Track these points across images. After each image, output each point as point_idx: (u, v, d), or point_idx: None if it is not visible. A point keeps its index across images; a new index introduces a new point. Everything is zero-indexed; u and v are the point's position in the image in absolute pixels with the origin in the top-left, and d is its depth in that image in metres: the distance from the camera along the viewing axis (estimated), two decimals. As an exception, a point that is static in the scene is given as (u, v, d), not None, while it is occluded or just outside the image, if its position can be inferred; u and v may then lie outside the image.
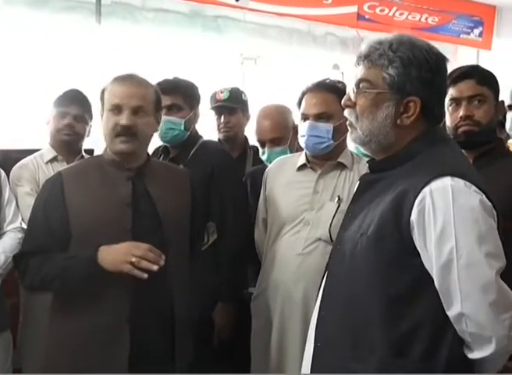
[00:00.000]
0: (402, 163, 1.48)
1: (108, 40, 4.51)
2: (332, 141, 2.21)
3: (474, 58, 6.50)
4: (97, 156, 2.10)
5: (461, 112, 2.03)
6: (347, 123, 1.56)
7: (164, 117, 2.51)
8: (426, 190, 1.37)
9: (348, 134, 1.58)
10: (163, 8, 4.84)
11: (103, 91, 1.96)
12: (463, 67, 2.09)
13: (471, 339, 1.38)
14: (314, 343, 1.56)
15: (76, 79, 3.93)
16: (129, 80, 1.94)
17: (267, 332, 2.25)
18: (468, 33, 6.32)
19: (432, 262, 1.37)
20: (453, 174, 1.38)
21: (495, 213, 1.41)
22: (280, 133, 2.65)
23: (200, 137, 2.73)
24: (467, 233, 1.35)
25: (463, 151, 2.04)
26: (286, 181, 2.33)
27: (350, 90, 1.53)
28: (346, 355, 1.46)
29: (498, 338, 1.35)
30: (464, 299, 1.35)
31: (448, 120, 2.08)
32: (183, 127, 2.60)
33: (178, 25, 4.92)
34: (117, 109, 1.89)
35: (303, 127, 2.26)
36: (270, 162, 2.58)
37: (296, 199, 2.25)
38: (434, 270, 1.37)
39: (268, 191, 2.40)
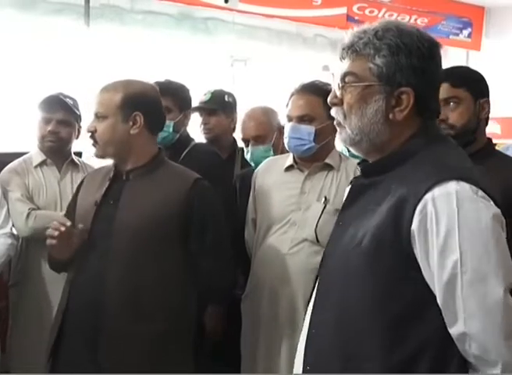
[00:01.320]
0: (397, 165, 1.32)
1: (97, 42, 4.51)
2: (313, 144, 2.21)
3: (464, 59, 6.53)
4: None
5: None
6: (335, 122, 1.39)
7: None
8: (428, 196, 1.21)
9: (337, 135, 1.41)
10: (152, 10, 4.84)
11: None
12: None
13: (474, 361, 1.22)
14: (304, 365, 1.39)
15: (65, 81, 3.92)
16: (102, 88, 2.02)
17: (255, 331, 2.25)
18: (457, 35, 6.35)
19: (434, 276, 1.22)
20: (457, 178, 1.22)
21: (503, 220, 1.25)
22: (263, 132, 2.67)
23: (192, 139, 2.73)
24: (474, 245, 1.19)
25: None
26: (274, 182, 2.34)
27: (336, 86, 1.37)
28: None
29: (504, 364, 1.19)
30: (468, 318, 1.19)
31: None
32: (171, 129, 2.59)
33: (167, 27, 4.92)
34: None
35: (286, 129, 2.28)
36: (254, 161, 2.62)
37: (283, 200, 2.26)
38: (436, 285, 1.22)
39: (257, 192, 2.41)
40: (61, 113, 2.64)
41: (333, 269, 1.38)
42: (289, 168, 2.32)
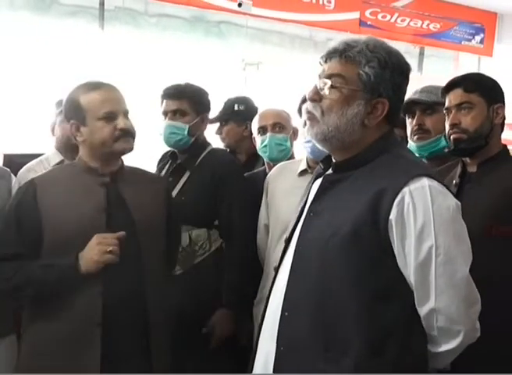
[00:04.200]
0: (365, 163, 1.47)
1: (111, 45, 4.53)
2: None
3: (476, 64, 6.52)
4: (71, 164, 2.11)
5: (449, 121, 2.05)
6: (307, 117, 1.51)
7: (167, 122, 2.56)
8: (405, 190, 1.37)
9: (307, 129, 1.52)
10: (165, 13, 4.87)
11: (76, 102, 1.95)
12: (454, 77, 2.10)
13: (437, 333, 1.41)
14: (277, 347, 1.49)
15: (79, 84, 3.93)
16: (107, 85, 1.99)
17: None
18: (470, 40, 6.34)
19: (408, 260, 1.39)
20: (427, 175, 1.41)
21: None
22: (283, 121, 2.65)
23: (209, 144, 2.70)
24: (446, 232, 1.38)
25: (467, 158, 2.06)
26: (287, 187, 2.33)
27: (318, 84, 1.48)
28: (315, 357, 1.43)
29: (466, 332, 1.41)
30: (439, 295, 1.38)
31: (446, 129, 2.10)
32: (186, 132, 2.57)
33: (180, 30, 4.94)
34: (111, 115, 1.92)
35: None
36: (270, 150, 2.60)
37: (297, 205, 2.24)
38: (412, 268, 1.39)
39: (270, 197, 2.41)
40: None
41: (306, 257, 1.49)
42: (303, 173, 2.32)
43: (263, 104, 3.27)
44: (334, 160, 1.56)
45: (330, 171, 1.56)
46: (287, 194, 2.30)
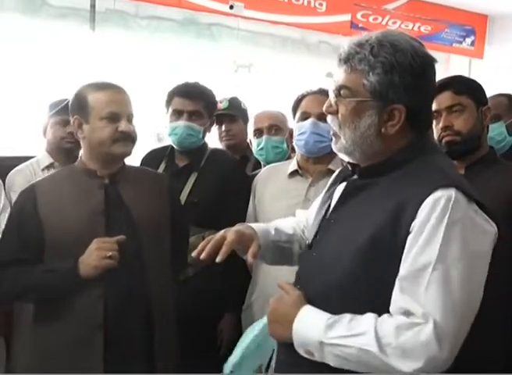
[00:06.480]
0: (391, 170, 1.38)
1: (102, 47, 4.51)
2: (330, 143, 2.20)
3: (467, 66, 6.53)
4: (70, 166, 2.11)
5: (441, 124, 2.05)
6: (331, 132, 1.46)
7: (185, 123, 2.50)
8: (429, 200, 1.26)
9: (332, 144, 1.47)
10: (157, 15, 4.85)
11: (83, 99, 1.97)
12: (441, 79, 2.09)
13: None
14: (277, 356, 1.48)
15: (70, 86, 3.92)
16: (116, 87, 2.00)
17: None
18: (460, 42, 6.35)
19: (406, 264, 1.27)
20: (456, 187, 1.28)
21: (495, 232, 1.32)
22: (279, 122, 2.65)
23: (207, 144, 2.70)
24: (451, 249, 1.24)
25: (455, 161, 2.07)
26: (276, 189, 2.32)
27: (331, 95, 1.42)
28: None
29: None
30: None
31: (434, 133, 2.10)
32: (201, 135, 2.56)
33: (171, 32, 4.93)
34: (114, 117, 1.94)
35: (304, 125, 2.24)
36: (266, 153, 2.60)
37: (286, 208, 2.22)
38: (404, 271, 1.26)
39: (258, 200, 2.39)
40: None
41: (319, 264, 1.43)
42: (293, 174, 2.30)
43: (255, 106, 3.27)
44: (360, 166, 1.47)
45: (355, 176, 1.48)
46: (276, 198, 2.29)
